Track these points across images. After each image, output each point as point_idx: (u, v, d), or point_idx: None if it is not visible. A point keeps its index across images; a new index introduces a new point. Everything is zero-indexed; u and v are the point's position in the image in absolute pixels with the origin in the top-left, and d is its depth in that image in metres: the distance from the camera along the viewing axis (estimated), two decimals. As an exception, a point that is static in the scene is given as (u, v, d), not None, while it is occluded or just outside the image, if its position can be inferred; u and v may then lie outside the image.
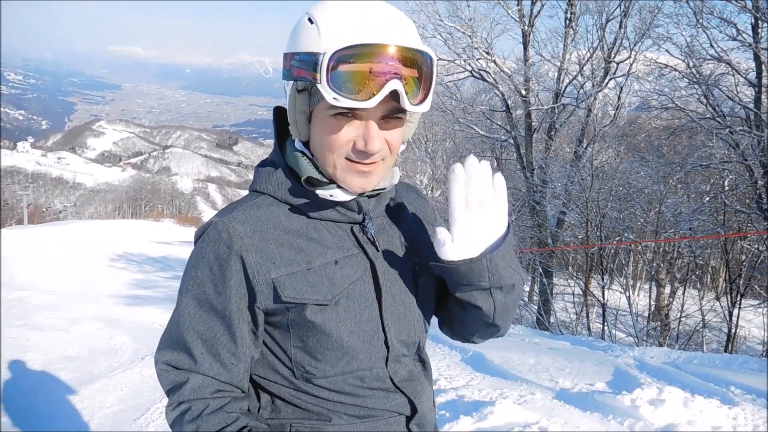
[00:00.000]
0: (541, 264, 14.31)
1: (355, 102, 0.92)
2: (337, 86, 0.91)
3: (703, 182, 14.56)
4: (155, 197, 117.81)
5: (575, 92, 15.37)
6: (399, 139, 1.04)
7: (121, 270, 15.01)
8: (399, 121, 1.01)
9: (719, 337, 13.20)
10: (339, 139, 0.99)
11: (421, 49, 0.94)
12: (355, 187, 1.03)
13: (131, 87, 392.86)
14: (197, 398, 1.01)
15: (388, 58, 0.91)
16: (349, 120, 0.97)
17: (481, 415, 3.52)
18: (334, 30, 0.93)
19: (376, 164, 1.02)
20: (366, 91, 0.91)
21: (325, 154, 1.01)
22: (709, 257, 16.78)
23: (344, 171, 1.01)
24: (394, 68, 0.91)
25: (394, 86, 0.92)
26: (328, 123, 0.99)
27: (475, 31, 14.63)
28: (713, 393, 4.14)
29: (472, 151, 20.46)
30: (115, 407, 4.63)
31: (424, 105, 0.98)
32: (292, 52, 0.98)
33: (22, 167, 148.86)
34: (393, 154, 1.04)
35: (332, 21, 0.94)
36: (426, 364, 1.20)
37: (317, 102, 0.99)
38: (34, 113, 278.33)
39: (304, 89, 1.00)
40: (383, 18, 0.95)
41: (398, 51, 0.91)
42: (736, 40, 11.91)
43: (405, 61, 0.92)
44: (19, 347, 6.32)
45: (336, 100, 0.92)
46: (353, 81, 0.91)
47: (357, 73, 0.91)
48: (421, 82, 0.96)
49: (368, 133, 0.97)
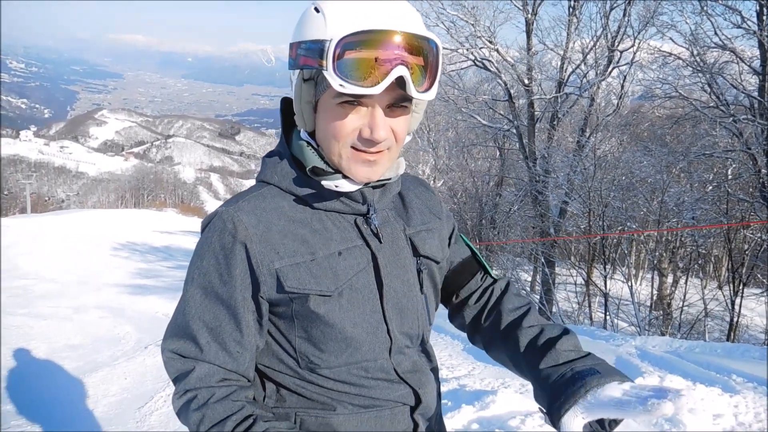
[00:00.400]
0: (543, 254, 14.32)
1: (362, 88, 0.91)
2: (344, 73, 0.91)
3: (706, 171, 14.50)
4: (158, 187, 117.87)
5: (578, 81, 15.29)
6: (405, 128, 1.04)
7: (124, 259, 15.06)
8: (405, 110, 1.01)
9: (722, 326, 13.20)
10: (345, 128, 0.99)
11: (427, 36, 0.94)
12: (361, 176, 1.03)
13: (133, 76, 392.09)
14: (203, 386, 1.02)
15: (394, 45, 0.91)
16: (355, 108, 0.97)
17: (483, 404, 3.54)
18: (340, 17, 0.93)
19: (382, 153, 1.02)
20: (372, 78, 0.91)
21: (330, 143, 1.01)
22: (711, 246, 16.76)
23: (350, 160, 1.02)
24: (401, 55, 0.91)
25: (400, 72, 0.91)
26: (334, 111, 0.99)
27: (478, 19, 14.53)
28: (714, 381, 4.14)
29: (475, 141, 20.45)
30: (118, 396, 4.66)
31: (430, 93, 0.98)
32: (298, 41, 0.98)
33: (25, 156, 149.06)
34: (398, 143, 1.04)
35: (338, 9, 0.94)
36: (431, 356, 1.21)
37: (323, 91, 0.99)
38: (37, 102, 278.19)
39: (310, 78, 1.00)
40: (389, 6, 0.95)
41: (404, 38, 0.91)
42: (740, 27, 11.83)
43: (411, 49, 0.92)
44: (23, 336, 6.36)
45: (342, 87, 0.91)
46: (359, 68, 0.91)
47: (363, 60, 0.90)
48: (427, 70, 0.96)
49: (374, 121, 0.97)
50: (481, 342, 1.28)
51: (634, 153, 15.25)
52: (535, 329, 1.16)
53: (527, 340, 1.14)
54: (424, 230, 1.19)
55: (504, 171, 20.12)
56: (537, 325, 1.17)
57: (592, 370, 1.00)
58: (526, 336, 1.15)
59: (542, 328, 1.15)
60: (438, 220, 1.25)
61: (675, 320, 12.90)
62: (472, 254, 1.32)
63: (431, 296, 1.21)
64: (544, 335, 1.13)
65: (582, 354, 1.08)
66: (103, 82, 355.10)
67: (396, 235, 1.13)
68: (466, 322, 1.31)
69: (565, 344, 1.09)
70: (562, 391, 0.99)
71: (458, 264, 1.31)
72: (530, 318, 1.19)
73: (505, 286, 1.29)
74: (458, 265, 1.31)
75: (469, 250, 1.32)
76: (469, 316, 1.30)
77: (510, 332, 1.18)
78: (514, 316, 1.21)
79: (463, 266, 1.31)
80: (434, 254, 1.20)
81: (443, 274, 1.28)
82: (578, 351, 1.09)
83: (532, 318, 1.19)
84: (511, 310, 1.22)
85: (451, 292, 1.32)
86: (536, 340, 1.13)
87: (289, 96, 1.09)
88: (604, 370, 1.00)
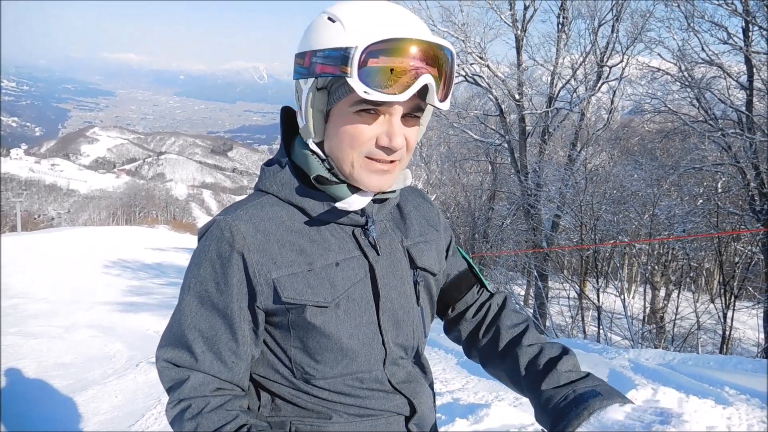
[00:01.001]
0: (536, 267, 14.34)
1: (387, 96, 0.92)
2: (367, 80, 0.91)
3: (696, 185, 14.63)
4: (150, 204, 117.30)
5: (568, 96, 15.46)
6: (416, 138, 1.05)
7: (115, 277, 14.95)
8: (417, 120, 1.03)
9: (714, 339, 13.23)
10: (363, 135, 0.99)
11: (445, 46, 0.96)
12: (373, 185, 1.03)
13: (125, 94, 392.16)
14: (197, 396, 1.01)
15: (417, 54, 0.92)
16: (373, 116, 0.98)
17: (477, 418, 3.52)
18: (361, 26, 0.94)
19: (395, 164, 1.03)
20: (397, 85, 0.92)
21: (345, 152, 1.01)
22: (703, 259, 16.87)
23: (362, 169, 1.02)
24: (424, 65, 0.93)
25: (426, 81, 0.93)
26: (351, 119, 0.99)
27: (469, 35, 14.70)
28: (708, 393, 4.15)
29: (467, 156, 20.57)
30: (109, 414, 4.61)
31: (446, 103, 0.99)
32: (312, 50, 0.98)
33: (16, 174, 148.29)
34: (409, 153, 1.05)
35: (358, 18, 0.96)
36: (425, 368, 1.21)
37: (337, 99, 0.99)
38: (28, 120, 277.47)
39: (323, 87, 1.01)
40: (406, 16, 0.97)
41: (426, 47, 0.93)
42: (727, 43, 12.03)
43: (431, 59, 0.94)
44: (13, 355, 6.29)
45: (367, 93, 0.92)
46: (383, 75, 0.91)
47: (388, 67, 0.91)
48: (443, 80, 0.97)
49: (393, 129, 0.98)
50: (478, 357, 1.28)
51: (624, 167, 15.37)
52: (535, 348, 1.16)
53: (527, 359, 1.15)
54: (422, 242, 1.20)
55: (496, 185, 20.22)
56: (537, 343, 1.18)
57: (594, 392, 1.01)
58: (527, 355, 1.15)
59: (542, 347, 1.16)
60: (435, 232, 1.25)
61: (668, 333, 12.91)
62: (468, 267, 1.33)
63: (427, 308, 1.21)
64: (545, 355, 1.14)
65: (582, 375, 1.09)
66: (95, 100, 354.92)
67: (394, 246, 1.14)
68: (463, 337, 1.31)
69: (565, 365, 1.10)
70: (565, 413, 1.00)
71: (455, 277, 1.31)
72: (530, 336, 1.19)
73: (503, 301, 1.30)
74: (455, 278, 1.31)
75: (466, 263, 1.33)
76: (466, 331, 1.30)
77: (509, 350, 1.19)
78: (513, 334, 1.21)
79: (460, 279, 1.31)
80: (431, 266, 1.20)
81: (439, 286, 1.28)
82: (578, 372, 1.10)
83: (531, 336, 1.19)
84: (509, 326, 1.23)
85: (447, 305, 1.32)
86: (536, 359, 1.14)
87: (288, 105, 1.10)
88: (606, 392, 1.01)
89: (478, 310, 1.29)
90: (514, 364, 1.16)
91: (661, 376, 4.81)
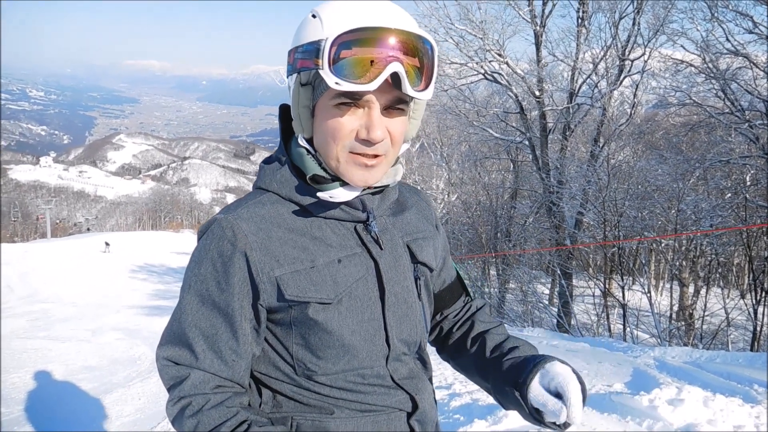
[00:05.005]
0: (560, 266, 14.18)
1: (356, 85, 0.92)
2: (339, 71, 0.92)
3: (723, 178, 14.30)
4: (175, 208, 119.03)
5: (590, 91, 15.23)
6: (401, 131, 1.04)
7: (141, 281, 15.20)
8: (401, 112, 1.02)
9: (746, 336, 12.93)
10: (343, 129, 0.99)
11: (421, 35, 0.95)
12: (358, 180, 1.03)
13: (149, 100, 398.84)
14: (198, 393, 1.01)
15: (389, 43, 0.92)
16: (352, 109, 0.98)
17: (496, 419, 3.49)
18: (336, 19, 0.95)
19: (379, 158, 1.02)
20: (368, 75, 0.92)
21: (329, 146, 1.02)
22: (732, 255, 16.49)
23: (347, 163, 1.02)
24: (395, 53, 0.92)
25: (395, 69, 0.92)
26: (332, 113, 0.99)
27: (487, 33, 14.57)
28: (735, 392, 4.05)
29: (488, 154, 20.41)
30: (132, 416, 4.68)
31: (426, 93, 0.98)
32: (295, 47, 1.00)
33: (45, 182, 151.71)
34: (395, 147, 1.04)
35: (334, 12, 0.96)
36: (426, 364, 1.21)
37: (320, 94, 1.00)
38: (56, 128, 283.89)
39: (307, 83, 1.01)
40: (384, 7, 0.97)
41: (399, 36, 0.93)
42: (752, 32, 11.74)
43: (406, 48, 0.93)
44: (41, 358, 6.43)
45: (338, 84, 0.92)
46: (355, 65, 0.92)
47: (358, 58, 0.92)
48: (423, 70, 0.97)
49: (371, 122, 0.98)
50: (450, 350, 1.34)
51: (648, 161, 15.12)
52: (501, 337, 1.26)
53: (493, 344, 1.24)
54: (420, 237, 1.20)
55: (518, 183, 20.05)
56: (504, 334, 1.27)
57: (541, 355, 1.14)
58: (493, 341, 1.24)
59: (508, 337, 1.26)
60: (433, 229, 1.26)
61: (697, 330, 12.65)
62: (458, 277, 1.37)
63: (427, 303, 1.22)
64: (510, 342, 1.23)
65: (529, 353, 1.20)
66: (120, 107, 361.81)
67: (395, 241, 1.14)
68: (441, 335, 1.36)
69: (525, 350, 1.20)
70: (523, 368, 1.11)
71: (448, 285, 1.34)
72: (500, 328, 1.29)
73: (482, 305, 1.37)
74: (447, 286, 1.34)
75: (455, 272, 1.37)
76: (445, 330, 1.36)
77: (477, 339, 1.27)
78: (485, 327, 1.29)
79: (452, 288, 1.35)
80: (429, 262, 1.20)
81: (434, 283, 1.30)
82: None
83: (501, 329, 1.29)
84: (482, 322, 1.31)
85: (438, 310, 1.35)
86: (502, 345, 1.23)
87: (287, 103, 1.10)
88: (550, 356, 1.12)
89: (459, 313, 1.36)
90: (481, 351, 1.24)
91: (686, 375, 4.72)
